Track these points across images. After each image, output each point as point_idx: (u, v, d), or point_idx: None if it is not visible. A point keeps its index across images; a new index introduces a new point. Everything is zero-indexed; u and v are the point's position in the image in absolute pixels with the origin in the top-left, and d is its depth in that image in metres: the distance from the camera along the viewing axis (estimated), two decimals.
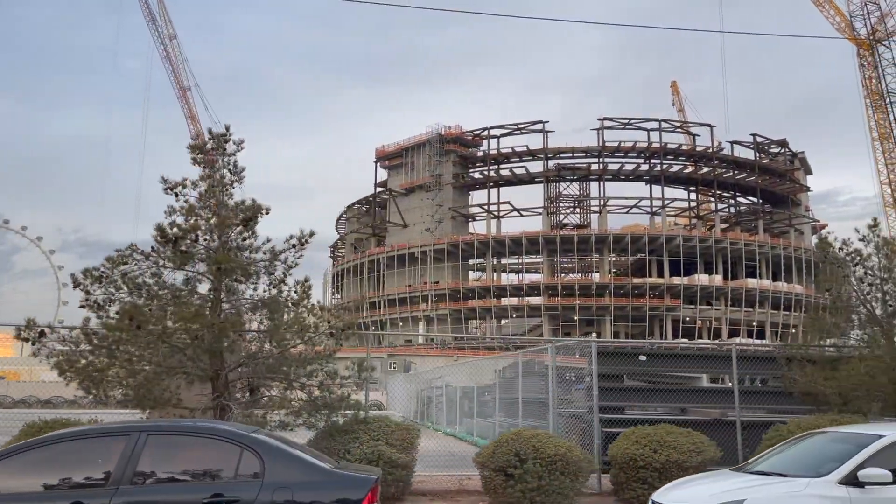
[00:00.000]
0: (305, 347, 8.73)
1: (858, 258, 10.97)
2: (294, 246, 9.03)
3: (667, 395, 12.93)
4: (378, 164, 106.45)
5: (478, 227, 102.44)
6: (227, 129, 9.34)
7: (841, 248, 11.28)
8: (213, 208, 9.12)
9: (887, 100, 74.00)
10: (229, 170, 9.42)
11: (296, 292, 8.98)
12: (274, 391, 9.27)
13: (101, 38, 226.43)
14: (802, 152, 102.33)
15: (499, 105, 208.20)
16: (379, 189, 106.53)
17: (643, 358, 11.70)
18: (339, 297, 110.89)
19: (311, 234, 9.08)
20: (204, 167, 9.39)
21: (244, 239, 8.85)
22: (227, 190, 9.26)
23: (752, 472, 6.52)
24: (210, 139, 9.38)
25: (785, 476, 6.20)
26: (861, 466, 5.88)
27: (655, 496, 6.51)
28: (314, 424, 9.13)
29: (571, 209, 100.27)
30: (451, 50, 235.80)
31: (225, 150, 9.34)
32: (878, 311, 10.55)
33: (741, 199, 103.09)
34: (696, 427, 11.43)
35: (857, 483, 5.81)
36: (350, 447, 8.89)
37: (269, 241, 9.06)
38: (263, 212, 8.94)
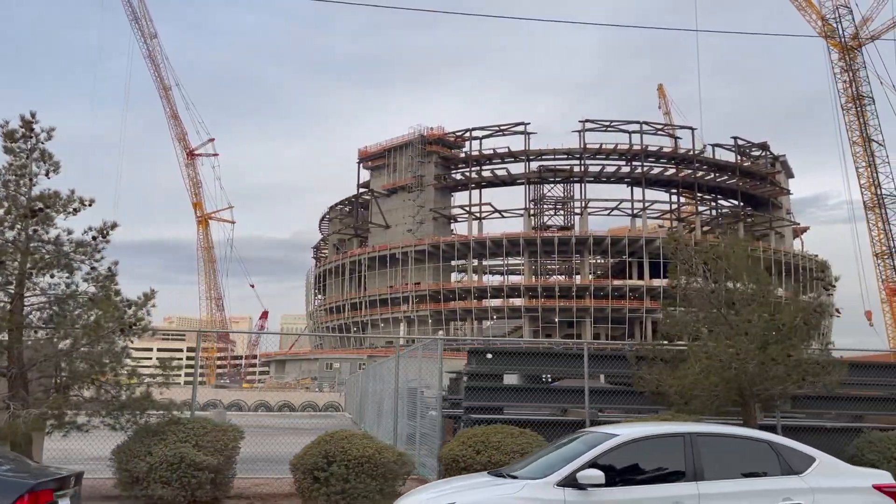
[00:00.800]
0: (102, 344, 8.35)
1: (707, 254, 10.67)
2: (95, 238, 8.66)
3: (549, 396, 12.63)
4: (361, 164, 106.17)
5: (460, 229, 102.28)
6: (34, 115, 8.97)
7: (688, 245, 10.95)
8: (14, 198, 8.75)
9: (855, 104, 73.74)
10: (42, 158, 9.05)
11: (96, 287, 8.61)
12: (90, 391, 8.90)
13: (98, 38, 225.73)
14: (783, 155, 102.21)
15: (493, 107, 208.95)
16: (362, 190, 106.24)
17: (489, 356, 11.41)
18: (322, 297, 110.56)
19: (114, 226, 8.72)
20: (14, 155, 9.02)
21: (34, 231, 8.47)
22: (32, 180, 8.89)
23: (505, 475, 6.17)
24: (21, 126, 9.00)
25: (516, 478, 5.86)
26: (585, 467, 5.54)
27: (397, 501, 6.17)
28: (122, 426, 8.75)
29: (553, 211, 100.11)
30: (444, 52, 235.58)
31: (33, 136, 8.97)
32: (722, 310, 10.23)
33: (723, 202, 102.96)
34: (571, 427, 11.12)
35: (578, 485, 5.47)
36: (153, 449, 8.53)
37: (70, 232, 8.69)
38: (62, 202, 8.57)
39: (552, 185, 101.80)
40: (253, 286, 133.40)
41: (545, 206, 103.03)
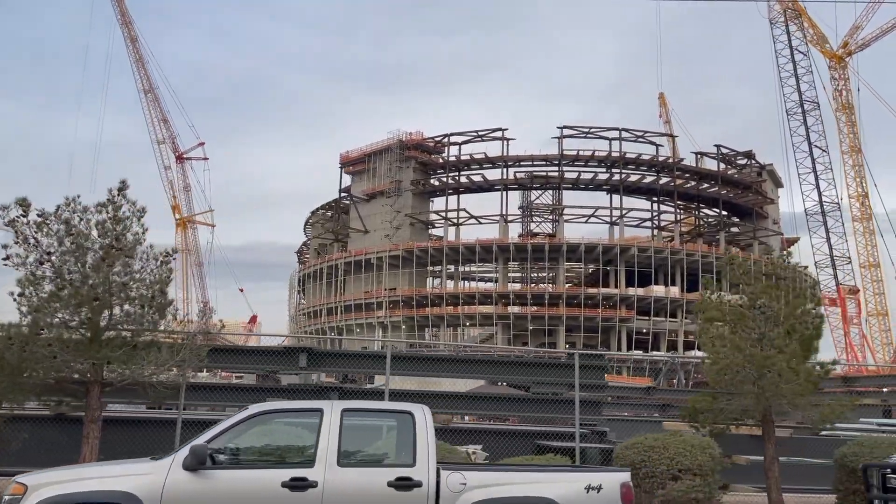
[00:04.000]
0: None
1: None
2: None
3: None
4: (342, 169, 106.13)
5: (441, 235, 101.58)
6: None
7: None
8: None
9: (804, 106, 72.39)
10: None
11: None
12: None
13: (87, 39, 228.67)
14: (770, 164, 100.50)
15: (511, 114, 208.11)
16: (342, 194, 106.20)
17: None
18: (303, 301, 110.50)
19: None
20: None
21: None
22: None
23: None
24: None
25: None
26: None
27: None
28: None
29: (531, 218, 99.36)
30: (463, 59, 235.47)
31: None
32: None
33: (707, 211, 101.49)
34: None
35: None
36: None
37: None
38: None
39: (541, 192, 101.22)
40: (242, 290, 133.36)
41: (531, 213, 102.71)
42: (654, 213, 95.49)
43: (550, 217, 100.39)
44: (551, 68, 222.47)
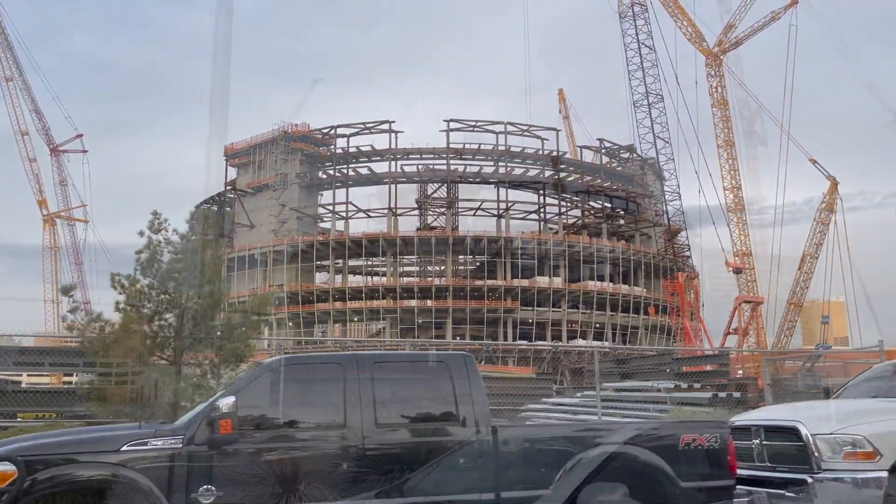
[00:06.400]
0: None
1: None
2: None
3: None
4: (228, 161, 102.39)
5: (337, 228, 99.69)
6: None
7: None
8: None
9: (649, 98, 75.68)
10: None
11: None
12: None
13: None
14: (652, 158, 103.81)
15: (426, 110, 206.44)
16: (228, 188, 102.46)
17: None
18: None
19: None
20: None
21: None
22: None
23: None
24: None
25: None
26: None
27: None
28: None
29: (421, 212, 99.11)
30: (382, 54, 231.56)
31: None
32: None
33: (593, 204, 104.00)
34: None
35: None
36: None
37: None
38: None
39: (438, 186, 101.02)
40: None
41: (422, 207, 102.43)
42: (540, 206, 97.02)
43: (445, 211, 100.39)
44: (472, 65, 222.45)
